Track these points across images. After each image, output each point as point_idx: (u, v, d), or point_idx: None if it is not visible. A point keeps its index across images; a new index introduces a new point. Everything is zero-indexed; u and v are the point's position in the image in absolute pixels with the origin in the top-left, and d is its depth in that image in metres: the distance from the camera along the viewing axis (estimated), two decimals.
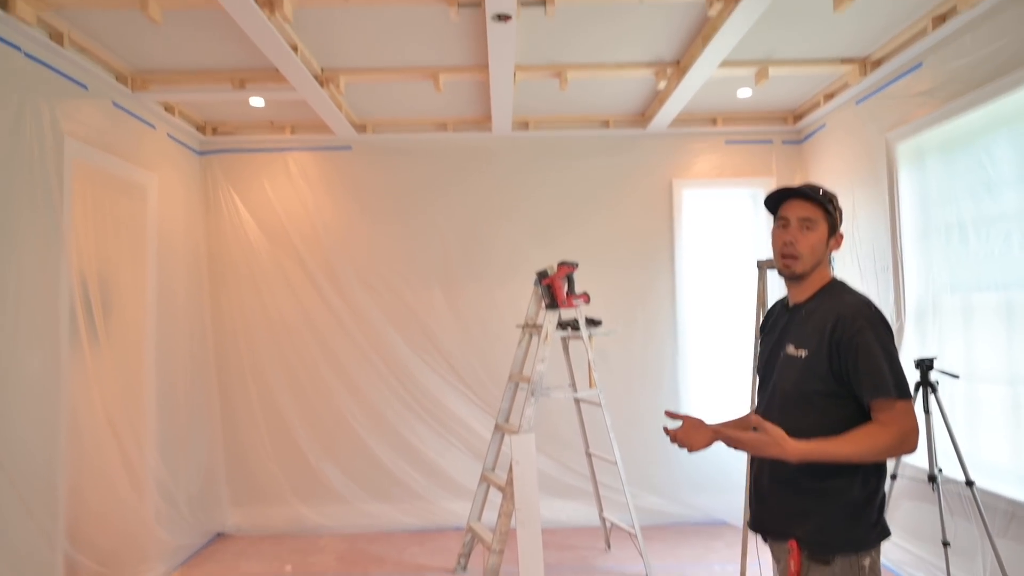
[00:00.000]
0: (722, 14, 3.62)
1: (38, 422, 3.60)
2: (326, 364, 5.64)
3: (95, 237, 4.15)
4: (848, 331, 1.84)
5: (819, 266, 2.00)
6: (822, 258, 1.99)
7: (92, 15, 3.67)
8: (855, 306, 1.89)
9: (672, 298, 5.73)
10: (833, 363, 1.86)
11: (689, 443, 1.99)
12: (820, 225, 1.99)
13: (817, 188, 2.02)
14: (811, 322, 1.94)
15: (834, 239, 2.01)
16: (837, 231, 2.00)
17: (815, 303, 1.98)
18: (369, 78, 4.55)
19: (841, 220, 2.02)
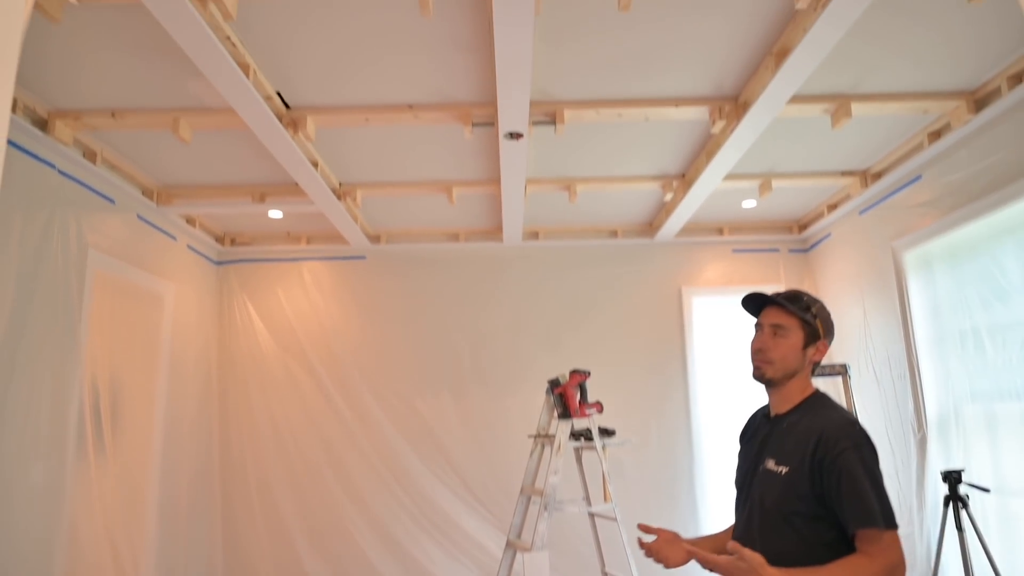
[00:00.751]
0: (725, 131, 3.78)
1: (37, 535, 3.49)
2: (332, 475, 5.51)
3: (110, 346, 4.18)
4: (831, 452, 1.73)
5: (796, 376, 1.92)
6: (798, 367, 1.91)
7: (126, 135, 3.87)
8: (840, 425, 1.78)
9: (686, 407, 5.64)
10: (815, 484, 1.74)
11: (664, 558, 1.92)
12: (793, 333, 1.91)
13: (797, 294, 1.97)
14: (792, 437, 1.84)
15: (814, 348, 1.92)
16: (818, 340, 1.92)
17: (797, 416, 1.89)
18: (385, 192, 4.71)
19: (827, 328, 1.93)
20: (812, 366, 1.93)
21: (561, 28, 2.95)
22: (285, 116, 3.57)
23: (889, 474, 4.63)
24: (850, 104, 3.60)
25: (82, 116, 3.54)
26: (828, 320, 1.95)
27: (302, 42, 3.02)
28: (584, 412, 4.26)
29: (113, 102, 3.49)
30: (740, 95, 3.57)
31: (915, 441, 4.38)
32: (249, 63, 3.06)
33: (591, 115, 3.64)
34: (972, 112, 3.64)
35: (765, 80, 3.23)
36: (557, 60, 3.20)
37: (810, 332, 1.92)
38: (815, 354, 1.92)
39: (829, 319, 1.95)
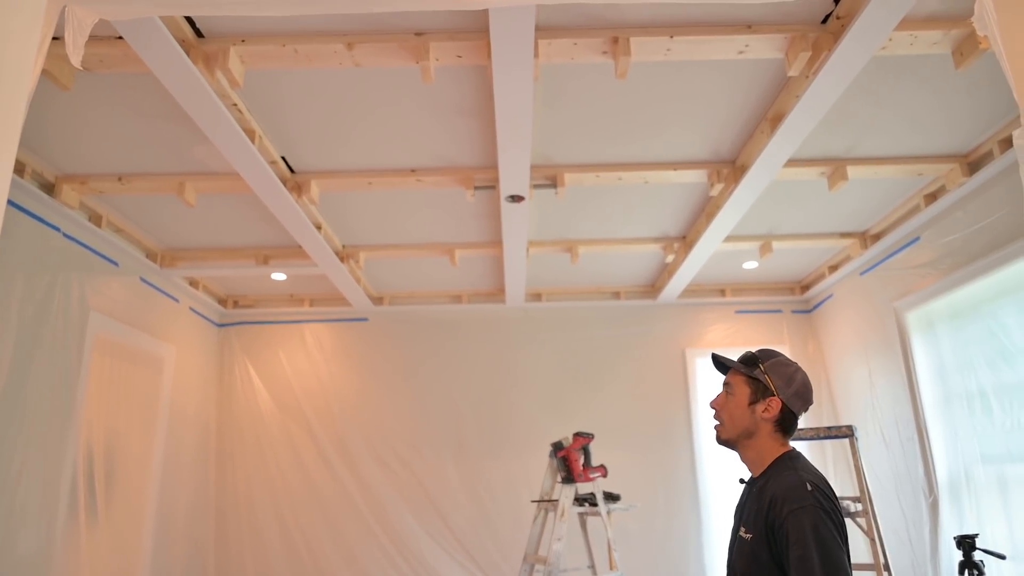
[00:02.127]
0: (723, 194, 3.83)
1: None
2: (331, 543, 5.36)
3: (107, 409, 4.14)
4: (780, 515, 1.64)
5: (754, 436, 1.82)
6: (748, 426, 1.82)
7: (131, 199, 3.93)
8: (790, 486, 1.68)
9: (692, 470, 5.53)
10: (772, 550, 1.66)
11: None
12: (739, 390, 1.85)
13: (750, 355, 1.90)
14: (756, 501, 1.77)
15: (763, 404, 1.80)
16: (768, 396, 1.80)
17: (764, 479, 1.79)
18: (388, 254, 4.75)
19: (778, 384, 1.81)
20: (774, 425, 1.81)
21: (561, 95, 3.03)
22: (290, 180, 3.63)
23: (902, 539, 4.50)
24: (846, 167, 3.66)
25: (89, 180, 3.60)
26: (785, 375, 1.83)
27: (307, 108, 3.10)
28: (588, 476, 4.17)
29: (120, 167, 3.56)
30: (737, 159, 3.63)
31: (927, 505, 4.27)
32: (255, 129, 3.14)
33: (591, 178, 3.69)
34: (966, 175, 3.69)
35: (761, 144, 3.29)
36: (557, 125, 3.27)
37: (757, 388, 1.83)
38: (764, 411, 1.80)
39: (788, 375, 1.83)
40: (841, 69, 2.67)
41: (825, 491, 1.67)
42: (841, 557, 1.59)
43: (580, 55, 2.65)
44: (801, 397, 1.82)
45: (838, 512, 1.64)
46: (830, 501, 1.65)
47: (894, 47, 2.67)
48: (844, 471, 5.25)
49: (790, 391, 1.81)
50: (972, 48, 2.66)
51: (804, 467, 1.76)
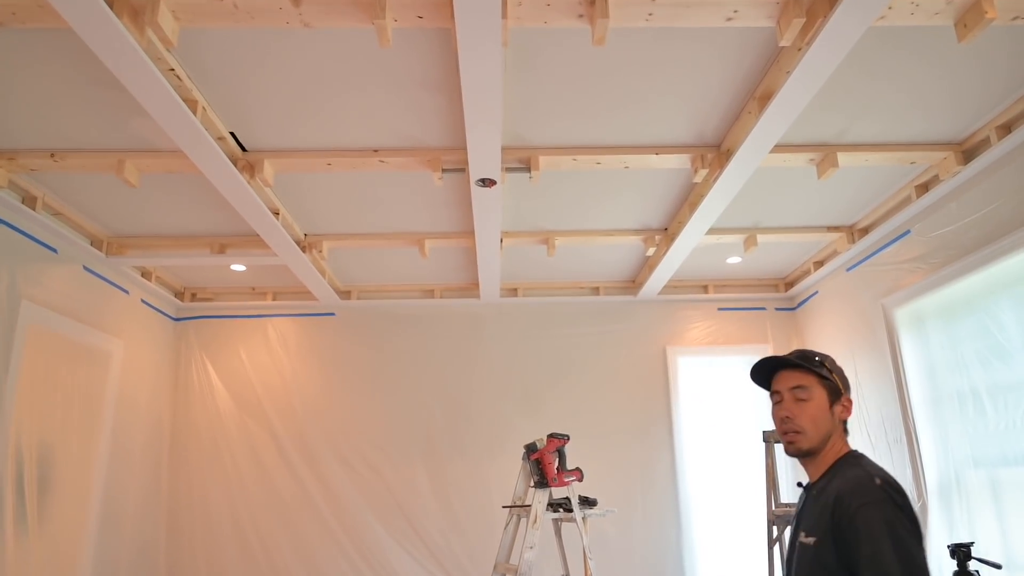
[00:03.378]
0: (708, 180, 3.61)
1: None
2: (291, 549, 5.07)
3: (43, 406, 3.82)
4: (847, 513, 1.54)
5: (831, 438, 1.74)
6: (831, 429, 1.74)
7: (69, 179, 3.61)
8: (859, 482, 1.59)
9: (673, 473, 5.31)
10: (841, 553, 1.55)
11: None
12: (816, 392, 1.76)
13: (807, 353, 1.84)
14: (818, 504, 1.68)
15: (840, 405, 1.77)
16: (841, 396, 1.77)
17: (825, 480, 1.72)
18: (352, 243, 4.47)
19: (844, 383, 1.79)
20: (844, 425, 1.76)
21: (534, 68, 2.78)
22: (240, 159, 3.34)
23: None
24: (836, 154, 3.45)
25: (17, 156, 3.29)
26: (843, 373, 1.82)
27: (256, 78, 2.82)
28: (563, 480, 3.92)
29: (52, 142, 3.25)
30: (723, 142, 3.41)
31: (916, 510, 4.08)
32: (197, 99, 2.85)
33: (568, 162, 3.45)
34: (961, 163, 3.50)
35: (748, 126, 3.07)
36: (531, 103, 3.03)
37: (831, 389, 1.77)
38: (842, 412, 1.76)
39: (843, 372, 1.82)
40: (836, 39, 2.45)
41: (896, 486, 1.57)
42: (919, 555, 1.47)
43: (554, 17, 2.40)
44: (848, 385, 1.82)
45: (911, 509, 1.53)
46: (902, 496, 1.55)
47: (894, 16, 2.45)
48: None
49: (849, 386, 1.81)
50: (978, 18, 2.45)
51: (870, 464, 1.69)
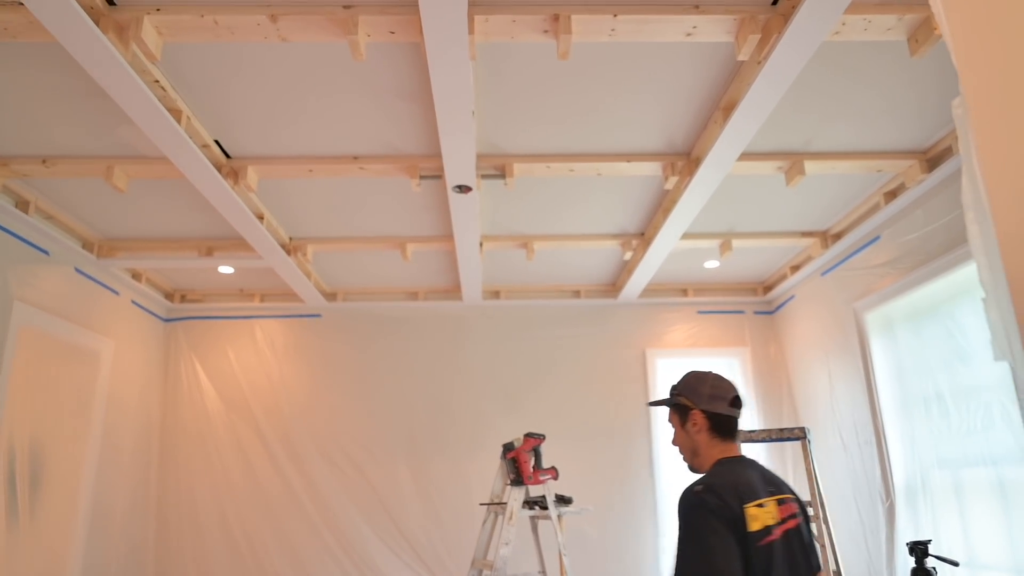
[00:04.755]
0: (679, 187, 3.72)
1: None
2: (276, 545, 5.16)
3: (34, 405, 3.92)
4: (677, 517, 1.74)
5: (699, 453, 1.88)
6: (692, 445, 1.89)
7: (60, 184, 3.72)
8: (685, 489, 1.74)
9: (651, 473, 5.42)
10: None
11: None
12: (673, 419, 1.95)
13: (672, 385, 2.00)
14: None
15: (690, 421, 1.88)
16: (689, 411, 1.88)
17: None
18: (336, 247, 4.58)
19: (695, 397, 1.89)
20: (709, 434, 1.86)
21: (506, 79, 2.89)
22: (225, 166, 3.45)
23: (859, 544, 4.42)
24: (803, 162, 3.57)
25: (10, 163, 3.40)
26: (695, 387, 1.91)
27: (238, 88, 2.93)
28: (538, 478, 4.02)
29: (43, 149, 3.35)
30: (692, 150, 3.52)
31: (883, 510, 4.19)
32: (181, 109, 2.96)
33: (542, 169, 3.56)
34: (925, 171, 3.62)
35: (715, 135, 3.18)
36: (504, 112, 3.14)
37: (681, 410, 1.92)
38: (694, 426, 1.87)
39: (696, 385, 1.91)
40: (792, 54, 2.57)
41: (716, 491, 1.67)
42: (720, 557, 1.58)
43: (520, 33, 2.51)
44: (718, 397, 1.87)
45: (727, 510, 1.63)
46: (719, 499, 1.65)
47: (848, 32, 2.57)
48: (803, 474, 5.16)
49: (704, 398, 1.87)
50: (927, 35, 2.57)
51: (718, 473, 1.78)
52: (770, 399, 5.57)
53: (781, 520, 1.72)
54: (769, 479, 1.83)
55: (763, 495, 1.72)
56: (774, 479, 1.86)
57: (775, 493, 1.77)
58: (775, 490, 1.79)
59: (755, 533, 1.63)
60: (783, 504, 1.77)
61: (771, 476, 1.86)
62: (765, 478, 1.82)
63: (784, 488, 1.84)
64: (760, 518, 1.66)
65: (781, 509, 1.75)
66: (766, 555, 1.63)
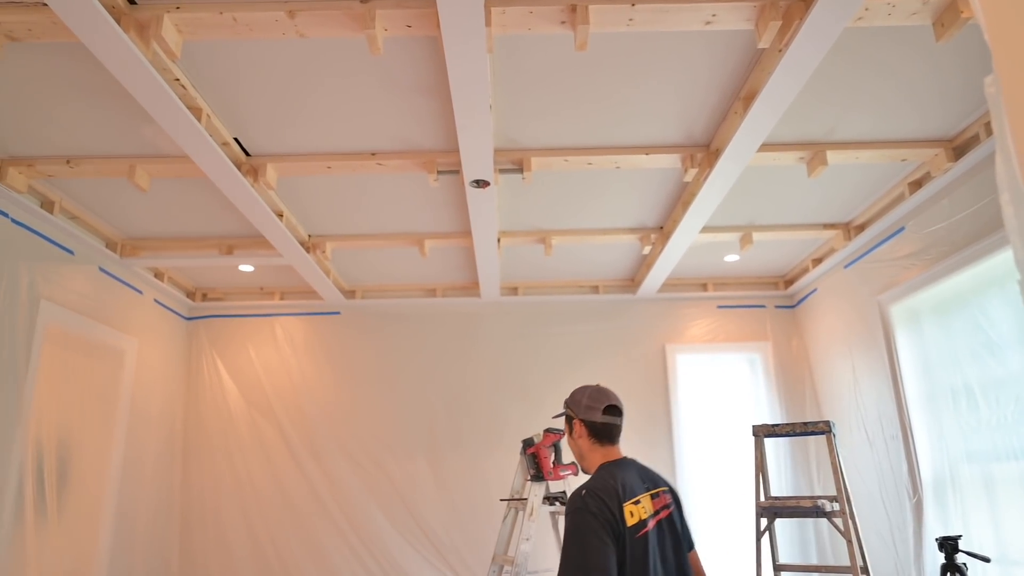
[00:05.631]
0: (698, 180, 3.68)
1: None
2: (299, 541, 5.20)
3: (60, 402, 3.98)
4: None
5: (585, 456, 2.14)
6: (579, 451, 2.16)
7: (83, 184, 3.76)
8: (572, 493, 1.97)
9: (671, 467, 5.38)
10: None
11: None
12: (565, 427, 2.24)
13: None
14: None
15: (576, 431, 2.15)
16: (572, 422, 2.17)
17: None
18: (354, 244, 4.59)
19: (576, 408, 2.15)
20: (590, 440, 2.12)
21: (523, 72, 2.88)
22: (244, 163, 3.48)
23: (885, 540, 4.36)
24: (825, 152, 3.51)
25: (36, 163, 3.44)
26: (575, 399, 2.18)
27: (258, 86, 2.94)
28: (559, 474, 4.02)
29: (67, 149, 3.39)
30: (712, 142, 3.48)
31: (911, 505, 4.13)
32: (201, 107, 2.98)
33: (560, 163, 3.54)
34: (951, 160, 3.55)
35: (735, 126, 3.14)
36: (522, 106, 3.13)
37: (568, 420, 2.21)
38: (576, 434, 2.15)
39: (577, 397, 2.18)
40: (814, 40, 2.53)
41: (596, 494, 1.89)
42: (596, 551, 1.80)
43: (537, 24, 2.50)
44: (592, 407, 2.13)
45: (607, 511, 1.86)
46: (600, 502, 1.88)
47: (871, 17, 2.53)
48: (828, 469, 5.10)
49: (582, 408, 2.14)
50: (954, 18, 2.52)
51: (600, 477, 2.00)
52: (792, 394, 5.50)
53: (655, 512, 1.99)
54: (646, 476, 2.10)
55: (640, 492, 1.98)
56: (650, 475, 2.13)
57: (650, 488, 2.04)
58: (651, 485, 2.06)
59: (632, 527, 1.88)
60: (656, 497, 2.03)
61: (648, 473, 2.14)
62: (642, 475, 2.08)
63: (659, 482, 2.13)
64: (636, 514, 1.92)
65: (655, 502, 2.01)
66: (642, 544, 1.89)
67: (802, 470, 5.35)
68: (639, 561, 1.87)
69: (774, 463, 5.28)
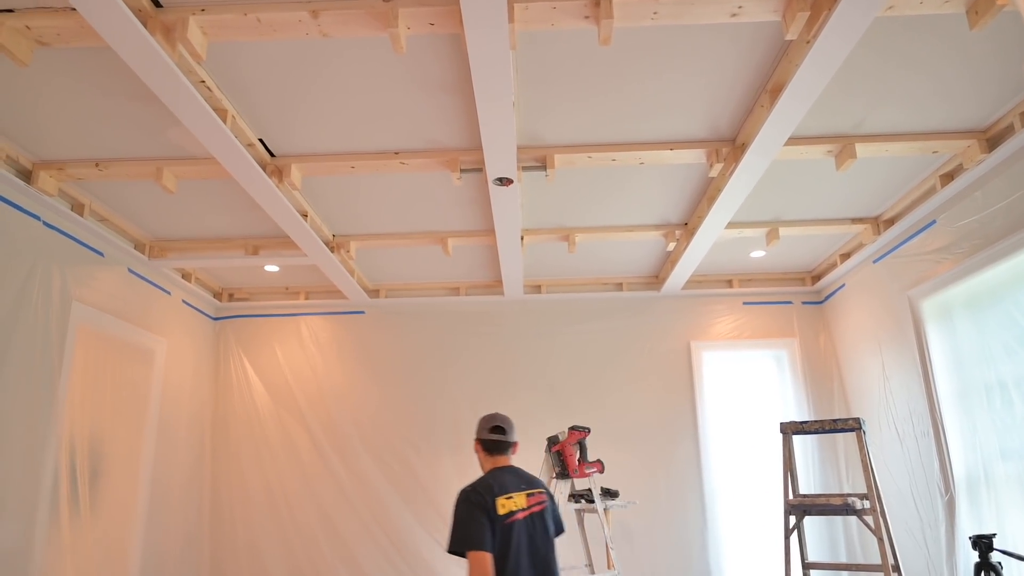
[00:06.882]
0: (724, 174, 3.64)
1: None
2: (326, 539, 5.24)
3: (92, 401, 4.05)
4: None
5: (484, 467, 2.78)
6: (481, 462, 2.80)
7: (112, 186, 3.82)
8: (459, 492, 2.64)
9: (697, 465, 5.34)
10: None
11: None
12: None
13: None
14: None
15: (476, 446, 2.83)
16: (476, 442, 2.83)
17: None
18: (378, 243, 4.61)
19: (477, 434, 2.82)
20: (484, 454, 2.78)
21: (546, 69, 2.87)
22: (269, 164, 3.50)
23: (916, 538, 4.29)
24: (854, 145, 3.46)
25: (66, 167, 3.50)
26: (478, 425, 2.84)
27: (281, 86, 2.96)
28: (584, 471, 4.01)
29: (96, 152, 3.45)
30: (737, 136, 3.44)
31: (943, 503, 4.05)
32: (227, 108, 3.01)
33: (583, 159, 3.52)
34: (985, 151, 3.47)
35: (762, 119, 3.10)
36: (545, 102, 3.11)
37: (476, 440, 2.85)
38: (476, 449, 2.83)
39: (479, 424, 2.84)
40: (843, 31, 2.48)
41: (476, 489, 2.59)
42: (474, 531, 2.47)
43: (560, 20, 2.48)
44: (483, 427, 2.80)
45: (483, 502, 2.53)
46: (479, 496, 2.56)
47: (901, 6, 2.48)
48: (857, 465, 5.03)
49: (479, 430, 2.82)
50: (988, 5, 2.45)
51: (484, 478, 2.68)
52: (820, 391, 5.43)
53: (527, 506, 2.64)
54: (524, 479, 2.74)
55: (513, 490, 2.63)
56: (529, 479, 2.77)
57: (525, 489, 2.69)
58: (527, 487, 2.71)
59: (502, 516, 2.54)
60: (531, 496, 2.69)
61: (527, 477, 2.77)
62: (520, 479, 2.73)
63: (535, 484, 2.76)
64: (507, 506, 2.58)
65: (529, 499, 2.67)
66: (511, 529, 2.54)
67: (831, 468, 5.27)
68: (507, 541, 2.52)
69: (802, 461, 5.22)
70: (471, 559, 2.45)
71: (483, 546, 2.44)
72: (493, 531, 2.49)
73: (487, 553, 2.45)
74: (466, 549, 2.46)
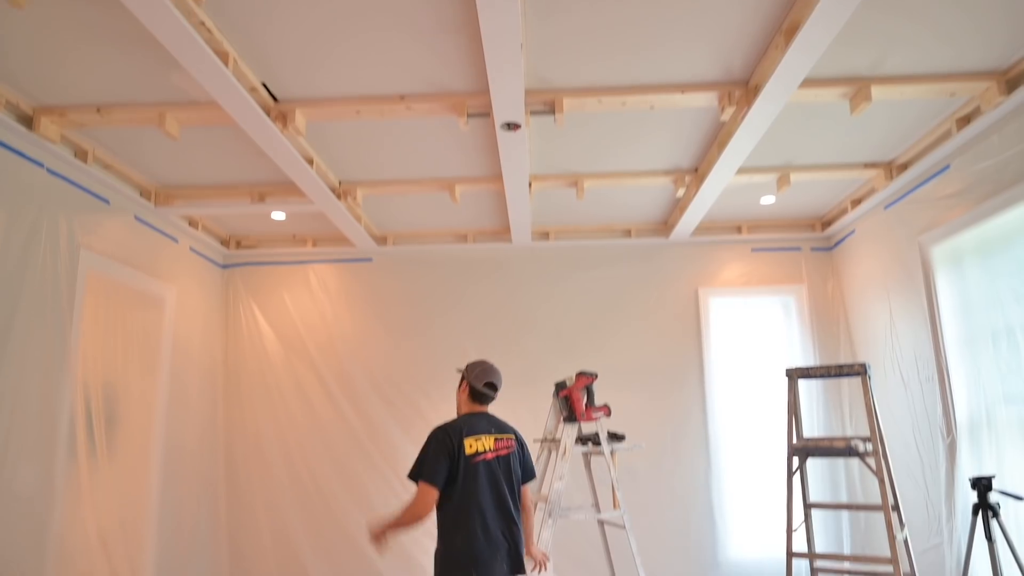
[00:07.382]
0: (735, 118, 3.58)
1: (26, 539, 3.40)
2: (340, 483, 5.37)
3: (104, 348, 4.10)
4: None
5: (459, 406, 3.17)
6: (459, 403, 3.17)
7: (115, 133, 3.78)
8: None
9: (702, 410, 5.41)
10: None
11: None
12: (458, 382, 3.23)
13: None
14: None
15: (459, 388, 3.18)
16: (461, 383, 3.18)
17: None
18: (385, 190, 4.58)
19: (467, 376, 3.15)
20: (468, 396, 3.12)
21: (556, 10, 2.78)
22: (273, 109, 3.45)
23: (916, 480, 4.37)
24: (869, 87, 3.38)
25: (67, 112, 3.46)
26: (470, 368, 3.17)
27: (283, 28, 2.89)
28: (591, 416, 4.07)
29: (97, 97, 3.40)
30: (750, 78, 3.37)
31: (944, 446, 4.11)
32: (228, 51, 2.95)
33: (593, 104, 3.46)
34: (1004, 94, 3.39)
35: (776, 60, 3.03)
36: (553, 44, 3.04)
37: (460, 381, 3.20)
38: (461, 390, 3.16)
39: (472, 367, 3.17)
40: None
41: (443, 428, 2.93)
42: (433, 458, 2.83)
43: None
44: (479, 378, 3.09)
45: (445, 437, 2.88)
46: (444, 432, 2.90)
47: None
48: (860, 411, 5.08)
49: (472, 376, 3.10)
50: None
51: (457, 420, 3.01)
52: (826, 337, 5.45)
53: (494, 448, 2.94)
54: (495, 424, 3.04)
55: (482, 432, 2.93)
56: (500, 425, 3.07)
57: (495, 433, 2.99)
58: (497, 431, 3.00)
59: (469, 455, 2.85)
60: (499, 440, 2.98)
61: (498, 423, 3.08)
62: (491, 423, 3.03)
63: (506, 430, 3.07)
64: (474, 446, 2.88)
65: (496, 443, 2.96)
66: (477, 467, 2.86)
67: (835, 413, 5.33)
68: (472, 478, 2.83)
69: (806, 405, 5.28)
70: (419, 488, 2.78)
71: (433, 480, 2.77)
72: (457, 469, 2.81)
73: (435, 489, 2.78)
74: (419, 479, 2.80)
